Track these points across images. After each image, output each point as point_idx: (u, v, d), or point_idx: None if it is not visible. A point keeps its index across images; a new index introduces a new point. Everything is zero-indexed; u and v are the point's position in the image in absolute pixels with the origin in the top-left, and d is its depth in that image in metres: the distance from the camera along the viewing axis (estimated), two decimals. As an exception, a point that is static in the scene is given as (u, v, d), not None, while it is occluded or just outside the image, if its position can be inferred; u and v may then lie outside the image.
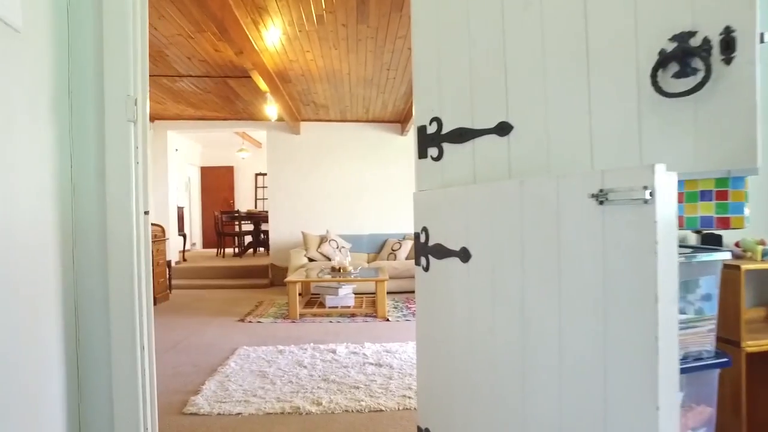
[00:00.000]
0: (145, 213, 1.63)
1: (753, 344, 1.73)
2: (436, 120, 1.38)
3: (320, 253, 6.54)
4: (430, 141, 1.40)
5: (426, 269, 1.39)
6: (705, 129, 0.92)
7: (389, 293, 5.67)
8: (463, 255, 1.22)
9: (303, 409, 2.50)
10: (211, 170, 11.03)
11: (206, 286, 6.74)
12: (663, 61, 0.95)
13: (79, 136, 1.58)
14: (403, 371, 3.12)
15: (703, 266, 1.20)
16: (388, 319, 4.68)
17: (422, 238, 1.40)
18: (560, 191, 0.92)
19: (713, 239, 1.71)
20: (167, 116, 7.02)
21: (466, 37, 1.30)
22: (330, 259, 6.24)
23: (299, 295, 5.07)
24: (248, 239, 9.04)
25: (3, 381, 1.26)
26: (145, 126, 1.66)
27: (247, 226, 9.05)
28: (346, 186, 7.33)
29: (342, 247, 6.61)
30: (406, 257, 6.50)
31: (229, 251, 8.90)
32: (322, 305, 5.13)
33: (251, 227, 8.87)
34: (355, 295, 5.36)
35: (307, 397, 2.68)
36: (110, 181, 1.59)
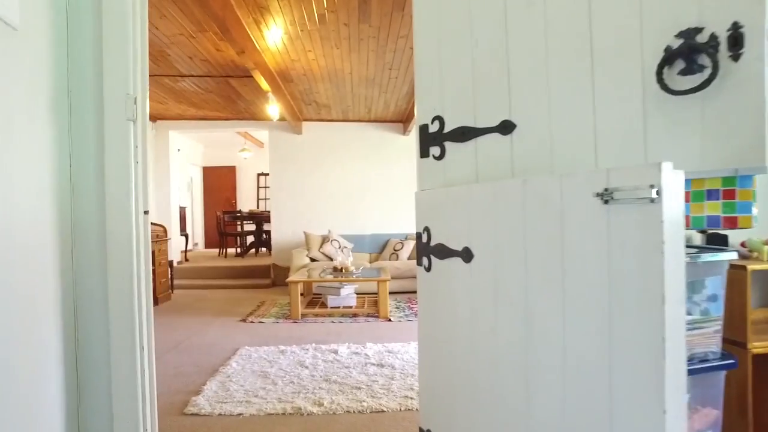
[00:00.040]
0: (144, 212, 1.63)
1: (759, 345, 1.71)
2: (438, 119, 1.37)
3: (322, 253, 6.53)
4: (432, 140, 1.39)
5: (428, 269, 1.38)
6: (712, 127, 0.90)
7: (391, 293, 5.66)
8: (466, 255, 1.20)
9: (304, 410, 2.49)
10: (213, 170, 11.04)
11: (208, 286, 6.74)
12: (669, 58, 0.94)
13: (78, 135, 1.57)
14: (405, 372, 3.11)
15: (709, 266, 1.19)
16: (390, 320, 4.67)
17: (424, 238, 1.39)
18: (564, 190, 0.90)
19: (718, 239, 1.69)
20: (169, 116, 7.02)
21: (468, 35, 1.29)
22: (332, 259, 6.23)
23: (301, 295, 5.06)
24: (250, 239, 9.04)
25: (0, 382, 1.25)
26: (145, 125, 1.65)
27: (249, 226, 9.05)
28: (348, 186, 7.32)
29: (344, 247, 6.60)
30: (408, 257, 6.49)
31: (231, 251, 8.90)
32: (324, 305, 5.12)
33: (253, 227, 8.88)
34: (357, 295, 5.35)
35: (309, 397, 2.67)
36: (110, 181, 1.58)
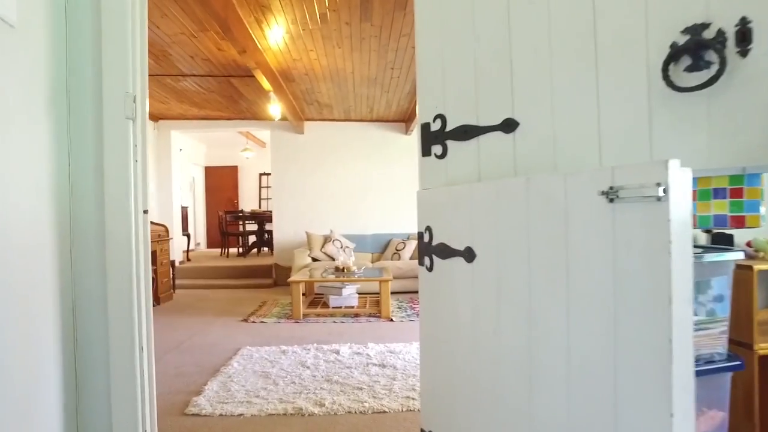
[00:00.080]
0: (144, 212, 1.61)
1: (766, 347, 1.69)
2: (440, 117, 1.35)
3: (324, 252, 6.53)
4: (434, 138, 1.37)
5: (430, 269, 1.36)
6: (719, 124, 0.89)
7: (393, 293, 5.64)
8: (468, 254, 1.19)
9: (305, 411, 2.48)
10: (215, 170, 11.05)
11: (210, 286, 6.74)
12: (675, 54, 0.93)
13: (77, 133, 1.56)
14: (406, 372, 3.09)
15: (715, 266, 1.17)
16: (392, 320, 4.65)
17: (426, 238, 1.37)
18: (568, 189, 0.89)
19: (724, 239, 1.67)
20: (171, 116, 7.02)
21: (470, 33, 1.28)
22: (334, 259, 6.22)
23: (303, 295, 5.05)
24: (252, 239, 9.04)
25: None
26: (144, 124, 1.64)
27: (251, 226, 9.05)
28: (350, 186, 7.31)
29: (346, 247, 6.59)
30: (411, 257, 6.48)
31: (233, 251, 8.90)
32: (325, 305, 5.11)
33: (255, 227, 8.88)
34: (359, 295, 5.34)
35: (310, 398, 2.66)
36: (109, 180, 1.57)
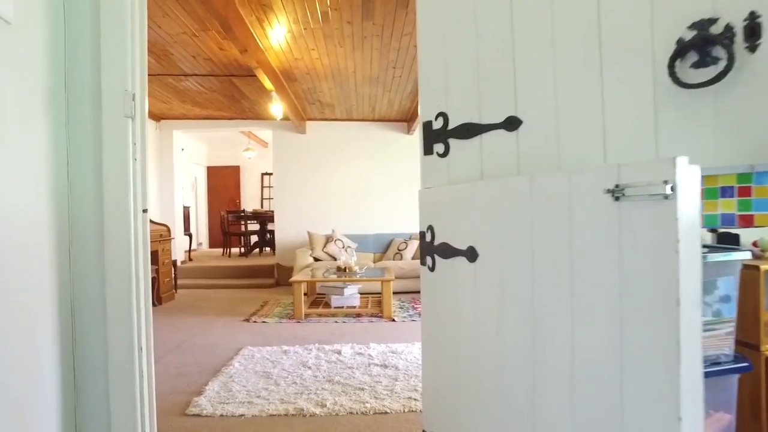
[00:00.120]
0: (143, 211, 1.60)
1: (772, 348, 1.67)
2: (442, 115, 1.34)
3: (326, 252, 6.52)
4: (435, 137, 1.36)
5: (432, 269, 1.35)
6: (726, 121, 0.87)
7: (395, 293, 5.63)
8: (470, 254, 1.17)
9: (307, 411, 2.46)
10: (218, 170, 11.05)
11: (212, 286, 6.73)
12: (681, 50, 0.91)
13: (75, 132, 1.55)
14: (408, 372, 3.08)
15: (721, 266, 1.15)
16: (393, 320, 4.64)
17: (428, 237, 1.36)
18: (573, 187, 0.87)
19: (730, 238, 1.65)
20: (173, 116, 7.02)
21: (473, 29, 1.26)
22: (336, 259, 6.20)
23: (305, 295, 5.04)
24: (254, 239, 9.04)
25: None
26: (144, 122, 1.62)
27: (253, 226, 9.05)
28: (352, 185, 7.30)
29: (348, 247, 6.57)
30: (413, 257, 6.46)
31: (235, 251, 8.90)
32: (327, 305, 5.10)
33: (257, 227, 8.88)
34: (361, 295, 5.32)
35: (311, 398, 2.64)
36: (107, 179, 1.55)
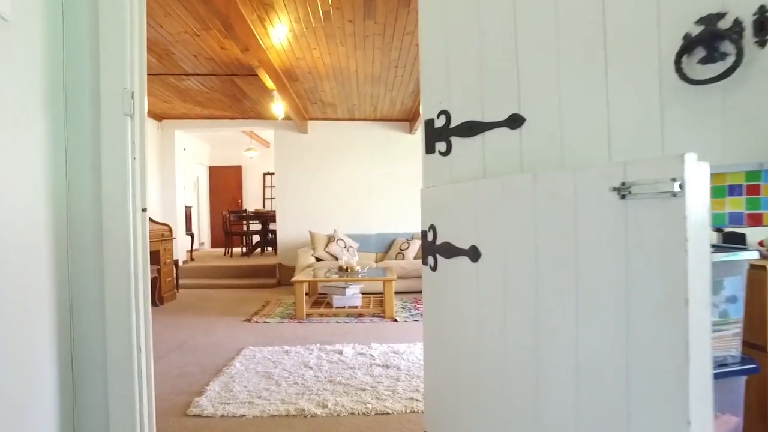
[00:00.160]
0: (142, 210, 1.59)
1: (778, 349, 1.65)
2: (445, 113, 1.32)
3: (328, 252, 6.50)
4: (437, 135, 1.34)
5: (434, 269, 1.33)
6: (735, 118, 0.85)
7: (397, 293, 5.61)
8: (473, 254, 1.16)
9: (308, 412, 2.45)
10: (219, 170, 11.06)
11: (213, 286, 6.73)
12: (688, 45, 0.89)
13: (73, 130, 1.53)
14: (410, 373, 3.06)
15: (728, 266, 1.13)
16: (395, 320, 4.62)
17: (430, 237, 1.34)
18: (577, 185, 0.85)
19: (736, 238, 1.63)
20: (174, 115, 7.02)
21: (475, 27, 1.25)
22: (337, 259, 6.19)
23: (306, 294, 5.03)
24: (256, 239, 9.04)
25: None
26: (143, 120, 1.61)
27: (255, 226, 9.05)
28: (353, 185, 7.29)
29: (349, 247, 6.56)
30: (415, 257, 6.45)
31: (236, 251, 8.90)
32: (329, 305, 5.09)
33: (259, 227, 8.87)
34: (363, 295, 5.31)
35: (313, 399, 2.63)
36: (106, 178, 1.54)
